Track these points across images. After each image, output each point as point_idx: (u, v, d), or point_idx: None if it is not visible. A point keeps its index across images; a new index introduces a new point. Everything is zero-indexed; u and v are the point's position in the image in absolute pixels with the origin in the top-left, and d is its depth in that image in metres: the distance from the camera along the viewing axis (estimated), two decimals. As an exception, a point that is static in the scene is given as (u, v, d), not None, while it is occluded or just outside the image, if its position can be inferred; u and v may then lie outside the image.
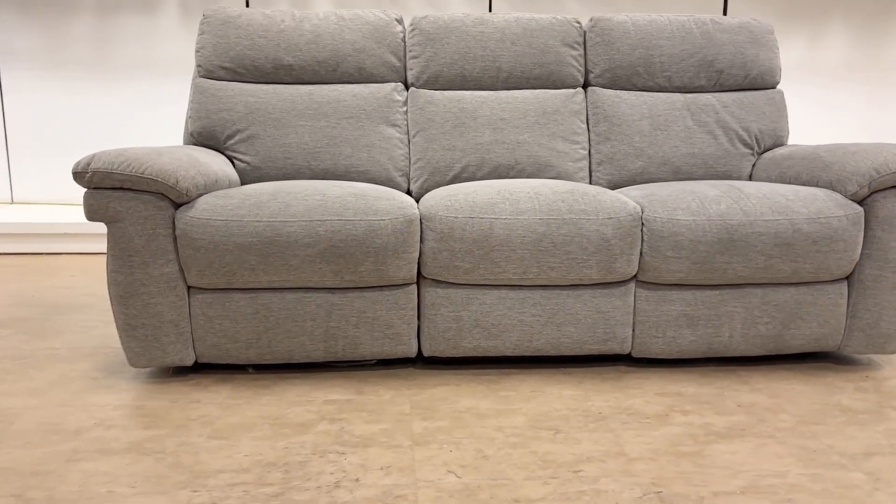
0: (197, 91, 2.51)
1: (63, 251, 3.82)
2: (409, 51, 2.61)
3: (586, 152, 2.58)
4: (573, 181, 2.47)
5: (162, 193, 1.92)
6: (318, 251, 1.94)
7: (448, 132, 2.51)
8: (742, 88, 2.69)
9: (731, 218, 2.03)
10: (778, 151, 2.56)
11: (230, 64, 2.52)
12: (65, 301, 2.87)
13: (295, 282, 1.98)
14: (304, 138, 2.47)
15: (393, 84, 2.58)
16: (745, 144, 2.61)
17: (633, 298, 2.10)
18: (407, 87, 2.63)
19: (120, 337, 2.00)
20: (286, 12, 2.58)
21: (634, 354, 2.15)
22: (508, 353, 2.10)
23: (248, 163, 2.44)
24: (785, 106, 2.69)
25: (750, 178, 2.61)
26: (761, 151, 2.64)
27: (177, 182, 1.91)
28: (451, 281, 2.04)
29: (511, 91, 2.60)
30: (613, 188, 2.54)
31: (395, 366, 2.17)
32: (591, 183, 2.57)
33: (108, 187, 1.91)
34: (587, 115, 2.62)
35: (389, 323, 2.04)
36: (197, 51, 2.55)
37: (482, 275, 2.02)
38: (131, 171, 1.88)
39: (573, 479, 1.52)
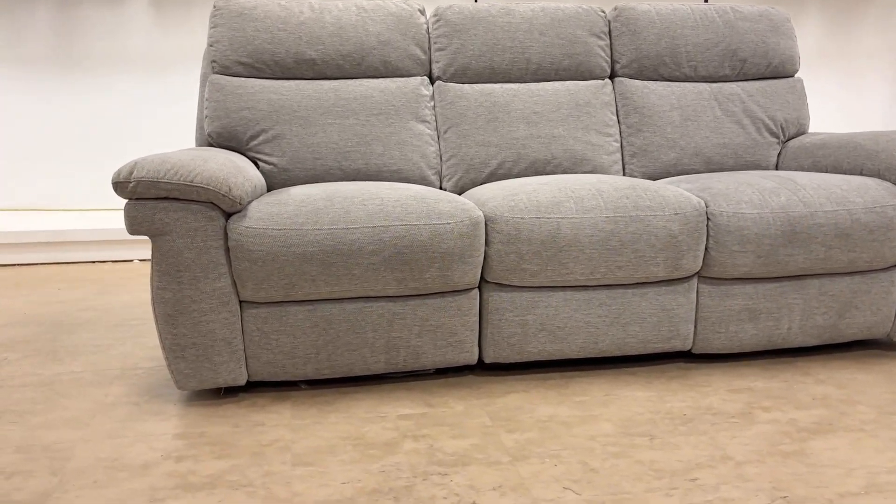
0: (213, 89, 2.34)
1: (40, 261, 3.56)
2: (435, 42, 2.50)
3: (619, 144, 2.54)
4: (609, 174, 2.42)
5: (212, 203, 1.78)
6: (383, 259, 1.84)
7: (481, 127, 2.42)
8: (764, 77, 2.69)
9: (793, 210, 2.02)
10: (806, 139, 2.57)
11: (248, 59, 2.36)
12: (64, 317, 2.67)
13: (356, 291, 1.87)
14: (333, 137, 2.34)
15: (420, 78, 2.47)
16: (772, 133, 2.61)
17: (695, 294, 2.06)
18: (432, 81, 2.52)
19: (166, 358, 1.85)
20: (303, 2, 2.44)
21: (695, 351, 2.12)
22: (574, 355, 2.04)
23: (274, 164, 2.30)
24: (805, 94, 2.71)
25: (777, 167, 2.62)
26: (785, 140, 2.65)
27: (230, 190, 1.77)
28: (515, 284, 1.96)
29: (541, 83, 2.52)
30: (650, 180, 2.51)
31: (453, 374, 2.08)
32: (624, 175, 2.52)
33: (153, 197, 1.76)
34: (616, 106, 2.58)
35: (453, 330, 1.95)
36: (210, 45, 2.38)
37: (549, 276, 1.95)
38: (180, 180, 1.73)
39: (693, 489, 1.48)
